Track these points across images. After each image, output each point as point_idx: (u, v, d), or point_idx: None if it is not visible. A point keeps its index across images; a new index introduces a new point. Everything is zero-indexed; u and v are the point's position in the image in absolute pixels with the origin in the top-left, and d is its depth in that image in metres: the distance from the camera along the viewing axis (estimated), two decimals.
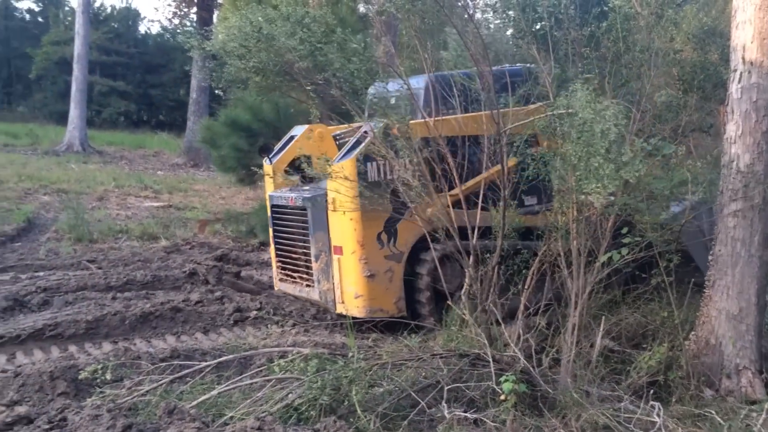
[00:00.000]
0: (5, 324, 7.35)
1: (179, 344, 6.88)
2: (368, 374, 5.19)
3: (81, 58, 28.45)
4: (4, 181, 18.04)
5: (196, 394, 5.17)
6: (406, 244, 7.65)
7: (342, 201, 7.55)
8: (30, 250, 11.53)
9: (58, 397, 5.18)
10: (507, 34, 6.60)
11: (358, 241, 7.49)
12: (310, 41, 6.47)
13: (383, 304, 7.57)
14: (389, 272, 7.58)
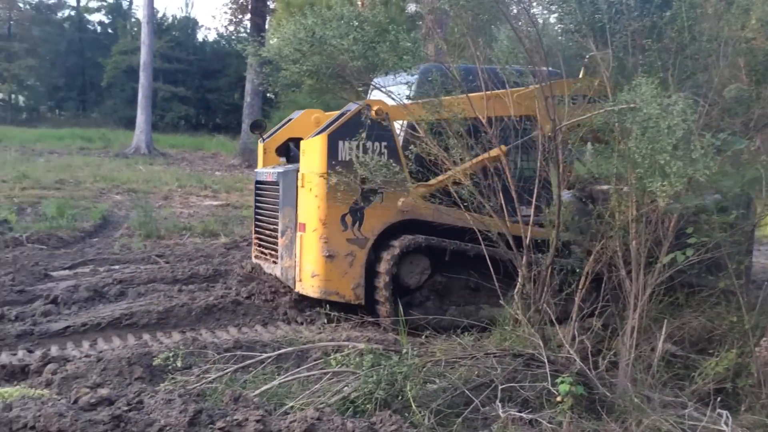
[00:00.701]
0: (87, 313, 7.50)
1: (241, 335, 6.85)
2: (422, 371, 4.98)
3: (146, 66, 28.84)
4: (82, 182, 18.60)
5: (258, 384, 5.11)
6: (372, 231, 7.27)
7: (310, 177, 7.29)
8: (106, 245, 11.79)
9: (135, 381, 5.24)
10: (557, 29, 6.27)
11: (320, 219, 7.16)
12: (363, 41, 6.30)
13: (340, 287, 7.21)
14: (350, 256, 7.20)
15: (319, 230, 7.15)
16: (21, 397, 4.59)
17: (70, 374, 5.28)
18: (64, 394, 4.90)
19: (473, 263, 7.46)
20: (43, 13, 47.46)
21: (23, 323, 7.00)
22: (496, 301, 7.50)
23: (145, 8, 29.03)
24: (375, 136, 7.09)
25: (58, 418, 4.07)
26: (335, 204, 7.10)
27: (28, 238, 11.33)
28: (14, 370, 5.65)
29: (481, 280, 7.51)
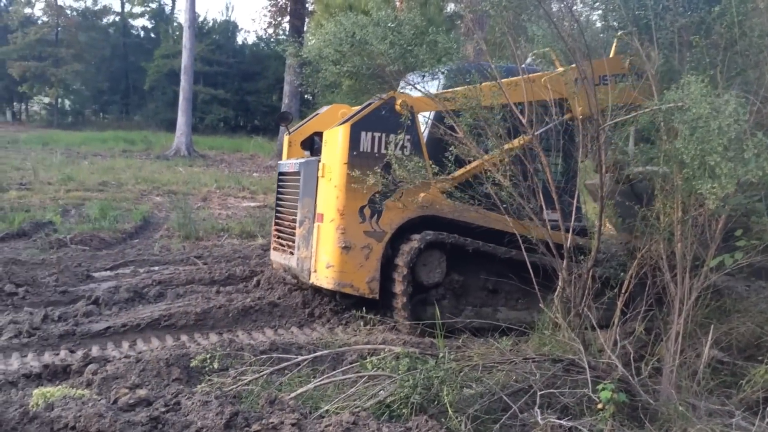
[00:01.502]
0: (127, 313, 7.56)
1: (277, 337, 6.84)
2: (459, 375, 4.87)
3: (188, 69, 29.13)
4: (124, 183, 18.83)
5: (294, 386, 5.05)
6: (391, 225, 7.15)
7: (330, 167, 7.17)
8: (146, 246, 11.85)
9: (172, 382, 5.22)
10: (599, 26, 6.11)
11: (338, 210, 7.04)
12: (401, 44, 6.22)
13: (354, 280, 7.09)
14: (366, 249, 7.08)
15: (337, 221, 7.05)
16: (62, 396, 4.63)
17: (110, 375, 5.30)
18: (104, 395, 4.91)
19: (493, 265, 7.41)
20: (89, 19, 48.24)
21: (66, 323, 7.06)
22: (514, 305, 7.57)
23: (187, 12, 29.33)
24: (399, 129, 6.98)
25: (98, 419, 4.12)
26: (354, 195, 7.01)
27: (72, 239, 11.45)
28: (56, 370, 5.68)
29: (501, 283, 7.50)
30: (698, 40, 5.01)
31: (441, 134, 6.72)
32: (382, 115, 7.00)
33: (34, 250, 10.56)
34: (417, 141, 7.12)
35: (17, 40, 42.31)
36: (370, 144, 7.01)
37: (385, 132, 7.02)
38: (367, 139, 7.00)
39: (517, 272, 7.28)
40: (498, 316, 7.45)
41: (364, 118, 7.04)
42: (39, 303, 7.74)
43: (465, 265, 7.43)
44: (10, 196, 15.38)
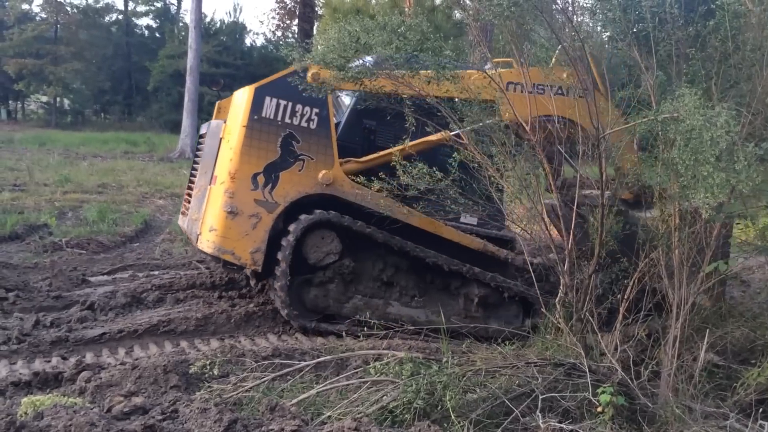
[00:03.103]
0: (124, 319, 7.58)
1: (280, 343, 6.92)
2: (462, 380, 5.05)
3: (193, 70, 29.30)
4: (125, 186, 18.76)
5: (296, 392, 5.18)
6: (285, 197, 7.04)
7: (230, 129, 7.12)
8: (146, 250, 11.80)
9: (170, 389, 5.27)
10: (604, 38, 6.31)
11: (230, 173, 6.93)
12: (406, 49, 6.39)
13: (237, 248, 6.95)
14: (255, 218, 6.95)
15: (227, 183, 6.93)
16: (53, 405, 4.64)
17: (105, 382, 5.34)
18: (98, 403, 4.96)
19: (391, 256, 7.46)
20: (91, 17, 48.37)
21: (58, 330, 7.06)
22: (408, 301, 7.61)
23: (193, 13, 29.50)
24: (308, 101, 6.97)
25: (90, 428, 4.14)
26: (249, 160, 6.91)
27: (68, 242, 11.39)
28: (47, 378, 5.70)
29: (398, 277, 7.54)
30: (694, 52, 5.26)
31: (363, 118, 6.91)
32: (292, 84, 6.92)
33: (27, 254, 10.50)
34: (326, 116, 7.11)
35: (14, 36, 42.27)
36: (273, 110, 6.97)
37: (292, 101, 7.01)
38: (271, 104, 6.96)
39: (417, 268, 7.53)
40: (389, 310, 7.52)
41: (272, 83, 7.05)
42: (30, 308, 7.71)
43: (360, 251, 7.41)
44: (3, 198, 15.21)
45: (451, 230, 7.59)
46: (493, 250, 7.76)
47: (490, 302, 7.77)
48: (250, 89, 7.01)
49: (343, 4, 14.92)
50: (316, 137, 7.07)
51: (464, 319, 7.69)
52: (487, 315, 7.79)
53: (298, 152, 6.99)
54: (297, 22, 32.24)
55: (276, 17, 36.42)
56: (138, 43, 49.99)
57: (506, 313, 7.91)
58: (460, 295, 7.78)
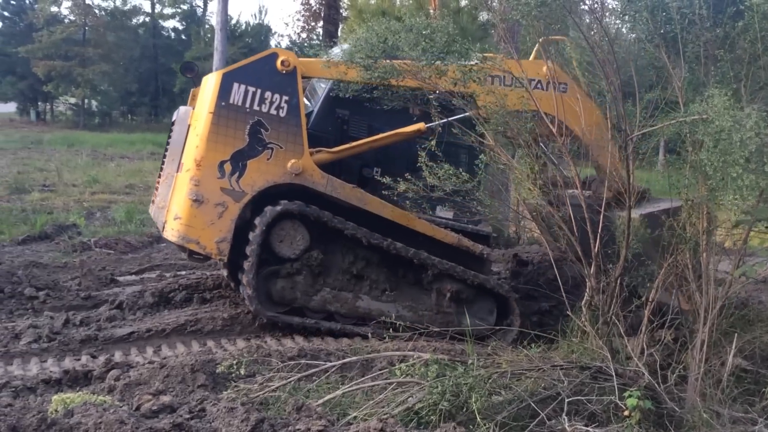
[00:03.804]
0: (152, 318, 7.66)
1: (306, 344, 6.94)
2: (488, 382, 5.04)
3: None
4: (152, 186, 18.77)
5: (322, 393, 5.21)
6: (252, 186, 6.90)
7: (197, 115, 7.00)
8: (173, 250, 11.65)
9: (197, 388, 5.32)
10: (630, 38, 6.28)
11: (195, 160, 6.79)
12: (433, 51, 6.40)
13: (202, 237, 6.81)
14: (221, 206, 6.81)
15: (192, 171, 6.79)
16: (83, 403, 4.71)
17: (133, 381, 5.41)
18: (127, 401, 5.02)
19: (362, 249, 7.36)
20: (118, 19, 48.89)
21: (88, 328, 7.17)
22: (378, 295, 7.51)
23: (219, 15, 29.52)
24: (277, 89, 6.90)
25: (119, 426, 4.19)
26: (216, 147, 6.79)
27: (96, 242, 11.55)
28: (77, 376, 5.80)
29: (368, 270, 7.45)
30: (723, 54, 5.21)
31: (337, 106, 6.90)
32: (261, 70, 6.88)
33: (57, 253, 10.67)
34: (296, 104, 6.99)
35: (43, 38, 42.88)
36: (242, 97, 6.85)
37: (261, 88, 6.90)
38: (240, 91, 6.84)
39: (388, 262, 7.44)
40: (358, 304, 7.44)
41: (241, 68, 6.96)
42: (60, 307, 7.85)
43: (330, 243, 7.36)
44: (33, 198, 15.53)
45: (424, 223, 7.49)
46: (468, 245, 7.65)
47: (462, 297, 7.67)
48: (218, 75, 6.90)
49: (369, 6, 14.93)
50: (286, 126, 6.95)
51: (436, 315, 7.60)
52: (459, 311, 7.67)
53: (267, 140, 6.88)
54: (322, 24, 32.29)
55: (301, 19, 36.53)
56: (164, 45, 50.43)
57: (479, 309, 7.81)
58: (432, 289, 7.67)
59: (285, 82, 6.96)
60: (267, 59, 6.97)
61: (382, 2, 14.21)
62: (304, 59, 7.23)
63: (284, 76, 6.94)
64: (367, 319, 7.45)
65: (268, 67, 6.92)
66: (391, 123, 7.49)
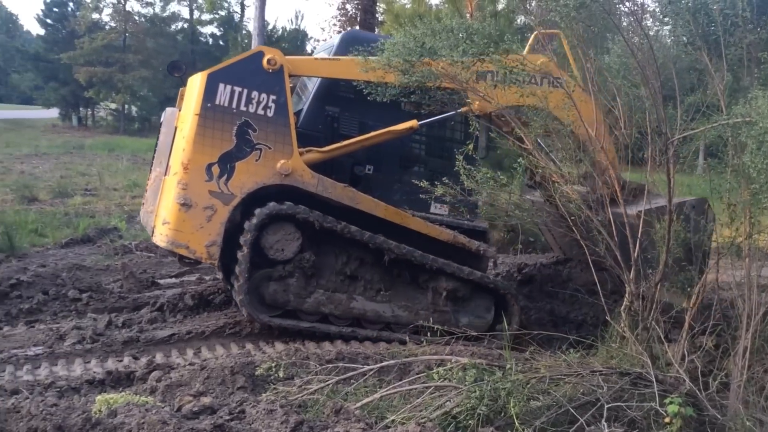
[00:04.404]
0: (192, 320, 7.78)
1: (344, 347, 6.97)
2: (526, 387, 5.00)
3: None
4: None
5: (360, 396, 5.21)
6: (242, 189, 6.75)
7: (184, 117, 6.86)
8: None
9: (237, 390, 5.36)
10: (668, 41, 6.22)
11: (182, 163, 6.64)
12: (473, 53, 6.38)
13: (191, 241, 6.67)
14: (210, 210, 6.66)
15: (179, 174, 6.64)
16: (126, 403, 4.79)
17: (174, 382, 5.48)
18: (168, 402, 5.09)
19: (355, 249, 7.26)
20: (158, 25, 49.58)
21: (130, 330, 7.31)
22: (373, 296, 7.40)
23: (256, 20, 29.83)
24: (264, 88, 6.79)
25: (161, 426, 4.24)
26: (203, 149, 6.64)
27: (137, 245, 11.69)
28: (120, 377, 5.90)
29: (362, 270, 7.35)
30: (766, 56, 5.13)
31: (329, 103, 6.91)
32: (247, 70, 6.77)
33: (99, 256, 10.81)
34: (283, 103, 6.87)
35: (84, 45, 43.66)
36: (228, 98, 6.72)
37: (248, 88, 6.77)
38: (226, 91, 6.70)
39: (382, 261, 7.31)
40: (353, 305, 7.34)
41: (226, 68, 6.84)
42: (103, 309, 8.00)
43: (322, 244, 7.24)
44: (75, 202, 15.79)
45: (418, 221, 7.42)
46: (464, 242, 7.57)
47: (459, 296, 7.58)
48: (203, 75, 6.78)
49: (405, 11, 14.97)
50: (274, 125, 6.85)
51: (432, 314, 7.49)
52: (456, 309, 7.62)
53: (255, 141, 6.77)
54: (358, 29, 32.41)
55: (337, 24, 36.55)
56: (202, 50, 50.98)
57: (477, 306, 7.72)
58: (428, 288, 7.59)
59: (272, 81, 6.86)
60: (252, 58, 6.88)
61: (419, 6, 14.25)
62: (291, 57, 7.14)
63: (271, 75, 6.84)
64: (363, 320, 7.38)
65: (254, 66, 6.82)
66: (383, 119, 7.43)
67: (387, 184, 7.67)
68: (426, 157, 7.93)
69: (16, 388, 5.51)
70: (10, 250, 10.32)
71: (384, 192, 7.55)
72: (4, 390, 5.50)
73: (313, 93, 7.56)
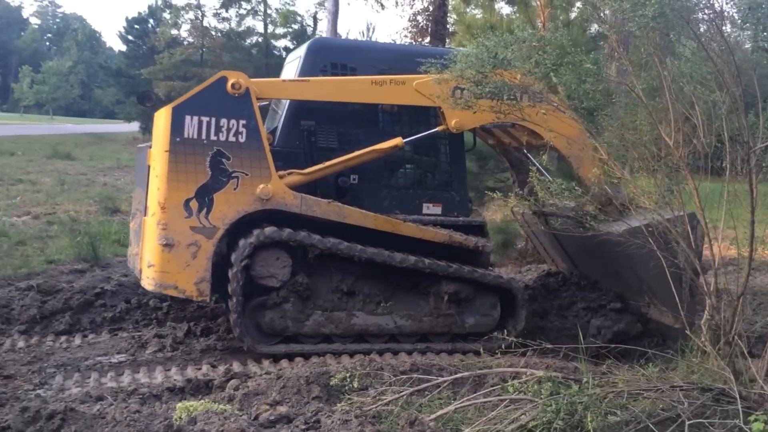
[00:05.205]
0: None
1: (419, 358, 6.95)
2: (603, 402, 4.89)
3: None
4: None
5: (434, 408, 5.17)
6: (224, 220, 6.57)
7: (154, 155, 6.68)
8: None
9: (312, 400, 5.39)
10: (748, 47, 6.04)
11: (159, 203, 6.46)
12: (545, 64, 6.32)
13: (179, 281, 6.51)
14: (194, 246, 6.49)
15: (158, 215, 6.49)
16: (205, 411, 4.90)
17: (251, 390, 5.55)
18: (245, 410, 5.17)
19: (348, 264, 7.05)
20: (233, 40, 50.51)
21: (208, 339, 7.47)
22: (374, 309, 7.19)
23: (329, 33, 30.28)
24: (232, 114, 6.60)
25: None
26: (178, 186, 6.46)
27: None
28: (199, 385, 6.02)
29: (359, 284, 7.16)
30: None
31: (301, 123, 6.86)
32: (212, 97, 6.59)
33: None
34: (254, 127, 6.67)
35: (163, 60, 44.89)
36: (196, 129, 6.51)
37: (215, 116, 6.57)
38: (193, 123, 6.49)
39: (379, 272, 7.14)
40: (354, 322, 7.12)
41: (190, 100, 6.63)
42: (182, 318, 8.18)
43: (314, 264, 7.01)
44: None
45: (410, 226, 7.21)
46: (461, 240, 7.35)
47: (461, 297, 7.37)
48: (167, 110, 6.59)
49: (476, 21, 14.92)
50: (248, 151, 6.65)
51: (437, 319, 7.33)
52: (461, 311, 7.42)
53: (230, 170, 6.58)
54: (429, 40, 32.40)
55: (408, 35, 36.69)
56: (276, 64, 51.44)
57: (482, 305, 7.51)
58: (429, 293, 7.40)
59: (239, 105, 6.67)
60: (216, 85, 6.70)
61: (491, 17, 14.18)
62: (257, 80, 7.03)
63: (237, 100, 6.66)
64: (365, 335, 7.23)
65: (219, 93, 6.64)
66: (361, 127, 7.37)
67: (374, 191, 7.51)
68: (412, 156, 7.85)
69: (101, 395, 5.68)
70: (94, 259, 10.61)
71: (372, 200, 7.41)
72: (90, 396, 5.69)
73: (286, 109, 7.41)
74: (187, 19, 48.93)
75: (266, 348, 6.94)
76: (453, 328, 7.38)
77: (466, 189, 7.85)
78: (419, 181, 7.74)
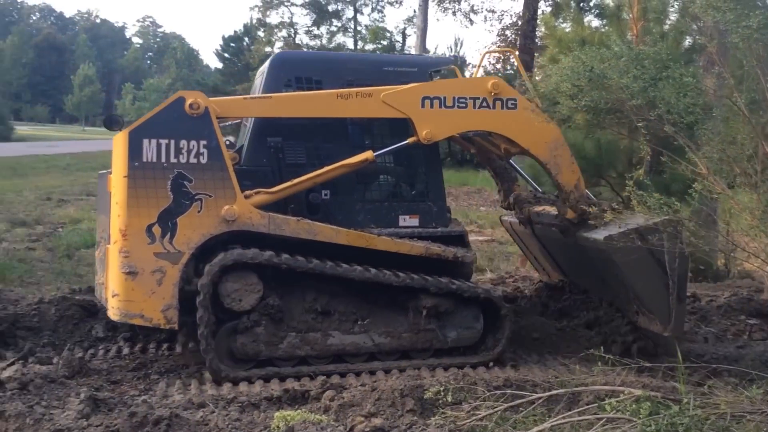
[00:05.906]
0: None
1: (512, 373, 6.85)
2: (705, 424, 4.74)
3: None
4: None
5: (528, 425, 5.10)
6: (188, 244, 6.28)
7: (114, 182, 6.38)
8: None
9: (407, 413, 5.37)
10: None
11: (120, 230, 6.20)
12: (644, 78, 6.19)
13: (145, 309, 6.23)
14: (158, 273, 6.22)
15: (119, 242, 6.23)
16: (302, 420, 4.94)
17: (347, 402, 5.56)
18: (341, 421, 5.19)
19: (321, 282, 6.71)
20: None
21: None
22: (350, 328, 6.83)
23: (417, 48, 30.56)
24: (191, 135, 6.33)
25: None
26: (139, 212, 6.20)
27: None
28: (296, 395, 6.03)
29: (334, 303, 6.82)
30: None
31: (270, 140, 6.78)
32: (170, 119, 6.34)
33: None
34: (216, 147, 6.38)
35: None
36: (155, 152, 6.27)
37: (174, 138, 6.31)
38: (151, 146, 6.25)
39: (354, 289, 6.81)
40: (330, 342, 6.75)
41: (147, 122, 6.38)
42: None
43: (285, 285, 6.70)
44: None
45: (385, 240, 6.86)
46: (438, 252, 6.98)
47: (441, 310, 6.98)
48: (124, 135, 6.33)
49: (567, 35, 14.74)
50: (210, 172, 6.35)
51: (417, 335, 6.98)
52: (441, 325, 7.05)
53: (193, 192, 6.31)
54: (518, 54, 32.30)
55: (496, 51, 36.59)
56: None
57: (463, 318, 7.13)
58: (407, 309, 7.03)
59: (198, 126, 6.40)
60: (173, 106, 6.45)
61: (582, 30, 13.98)
62: (216, 99, 6.82)
63: (196, 120, 6.40)
64: (342, 355, 6.93)
65: (177, 114, 6.38)
66: (330, 141, 7.15)
67: (348, 206, 7.22)
68: (386, 167, 7.58)
69: (203, 402, 5.80)
70: None
71: (346, 215, 7.13)
72: (192, 403, 5.81)
73: (251, 126, 7.21)
74: (280, 36, 50.15)
75: (240, 374, 6.64)
76: (434, 344, 7.05)
77: (444, 199, 7.52)
78: (394, 193, 7.43)
